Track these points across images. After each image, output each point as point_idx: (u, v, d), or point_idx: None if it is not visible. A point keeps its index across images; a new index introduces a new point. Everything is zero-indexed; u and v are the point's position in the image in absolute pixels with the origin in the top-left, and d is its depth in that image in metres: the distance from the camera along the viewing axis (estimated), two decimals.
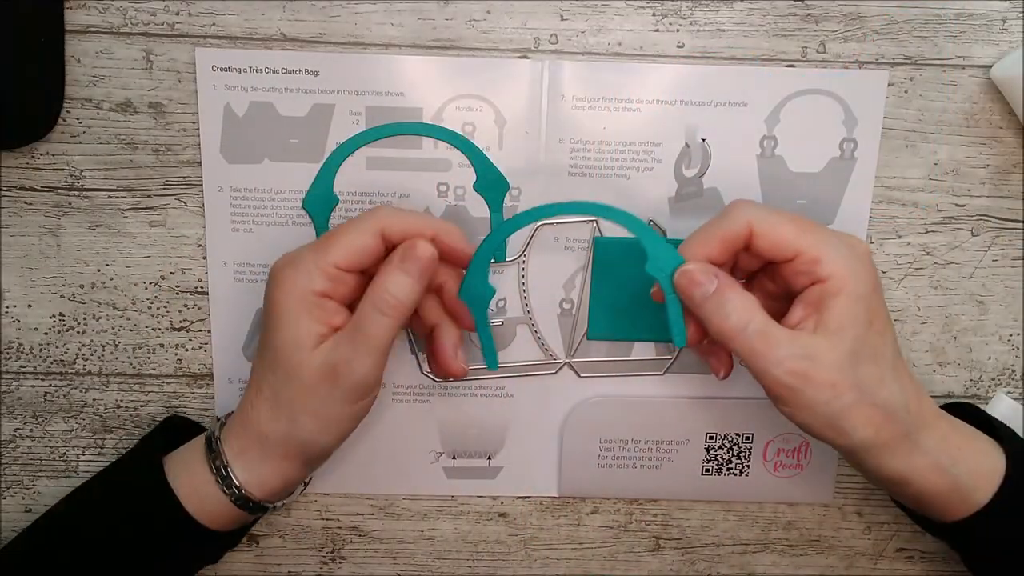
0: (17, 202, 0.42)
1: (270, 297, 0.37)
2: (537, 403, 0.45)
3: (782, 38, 0.42)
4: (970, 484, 0.37)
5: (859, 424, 0.35)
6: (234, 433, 0.38)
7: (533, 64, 0.41)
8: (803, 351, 0.34)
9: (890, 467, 0.36)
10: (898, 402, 0.35)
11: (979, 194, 0.44)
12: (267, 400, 0.37)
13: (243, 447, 0.38)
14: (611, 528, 0.47)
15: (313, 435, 0.37)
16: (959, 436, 0.38)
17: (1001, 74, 0.41)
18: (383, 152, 0.42)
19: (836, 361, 0.34)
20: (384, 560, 0.47)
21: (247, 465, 0.38)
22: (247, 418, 0.38)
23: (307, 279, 0.36)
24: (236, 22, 0.40)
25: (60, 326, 0.43)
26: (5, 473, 0.45)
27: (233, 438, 0.38)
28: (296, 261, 0.36)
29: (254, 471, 0.38)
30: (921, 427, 0.36)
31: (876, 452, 0.36)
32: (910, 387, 0.36)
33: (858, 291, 0.34)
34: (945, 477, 0.36)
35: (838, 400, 0.34)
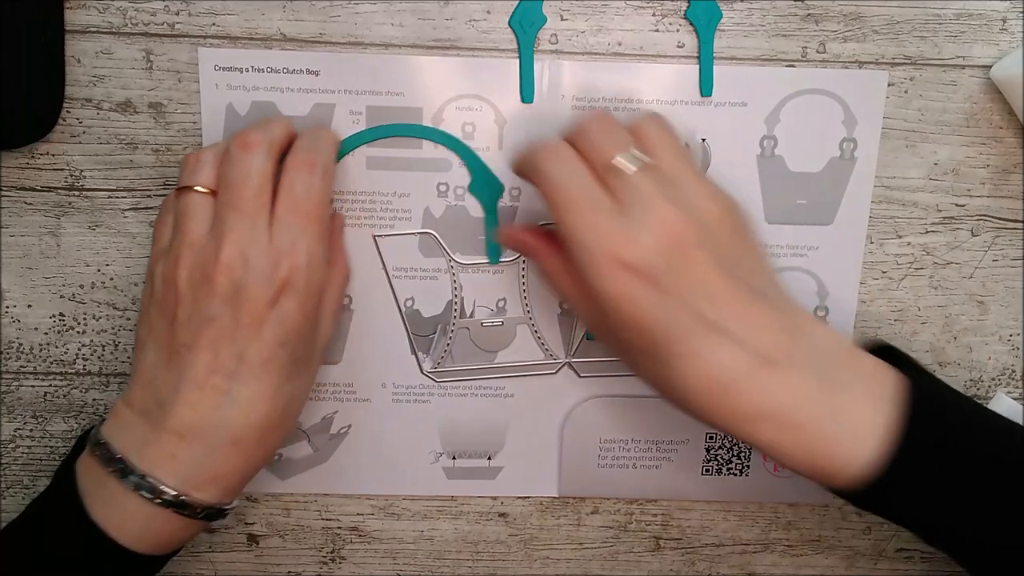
0: (17, 202, 0.42)
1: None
2: (537, 403, 0.45)
3: (782, 38, 0.42)
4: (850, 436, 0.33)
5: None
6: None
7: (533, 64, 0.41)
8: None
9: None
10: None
11: (979, 194, 0.44)
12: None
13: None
14: (611, 528, 0.47)
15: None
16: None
17: (1001, 74, 0.41)
18: (383, 152, 0.42)
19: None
20: (384, 560, 0.47)
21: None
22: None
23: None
24: (236, 22, 0.40)
25: (60, 326, 0.43)
26: (5, 473, 0.45)
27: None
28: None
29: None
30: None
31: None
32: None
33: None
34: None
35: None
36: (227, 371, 0.35)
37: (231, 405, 0.35)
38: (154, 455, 0.35)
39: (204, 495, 0.35)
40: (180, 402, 0.35)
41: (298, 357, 0.36)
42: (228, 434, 0.35)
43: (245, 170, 0.35)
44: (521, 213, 0.43)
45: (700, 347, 0.33)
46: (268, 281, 0.34)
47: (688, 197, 0.34)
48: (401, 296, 0.43)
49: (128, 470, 0.34)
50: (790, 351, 0.33)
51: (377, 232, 0.43)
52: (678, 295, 0.33)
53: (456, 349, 0.44)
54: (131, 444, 0.35)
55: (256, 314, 0.34)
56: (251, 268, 0.34)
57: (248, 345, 0.35)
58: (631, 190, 0.34)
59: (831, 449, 0.33)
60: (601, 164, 0.34)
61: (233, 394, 0.35)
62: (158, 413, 0.35)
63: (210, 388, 0.35)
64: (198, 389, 0.35)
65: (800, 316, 0.35)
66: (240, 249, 0.34)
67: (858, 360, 0.35)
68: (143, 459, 0.35)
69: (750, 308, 0.33)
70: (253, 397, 0.35)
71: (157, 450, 0.35)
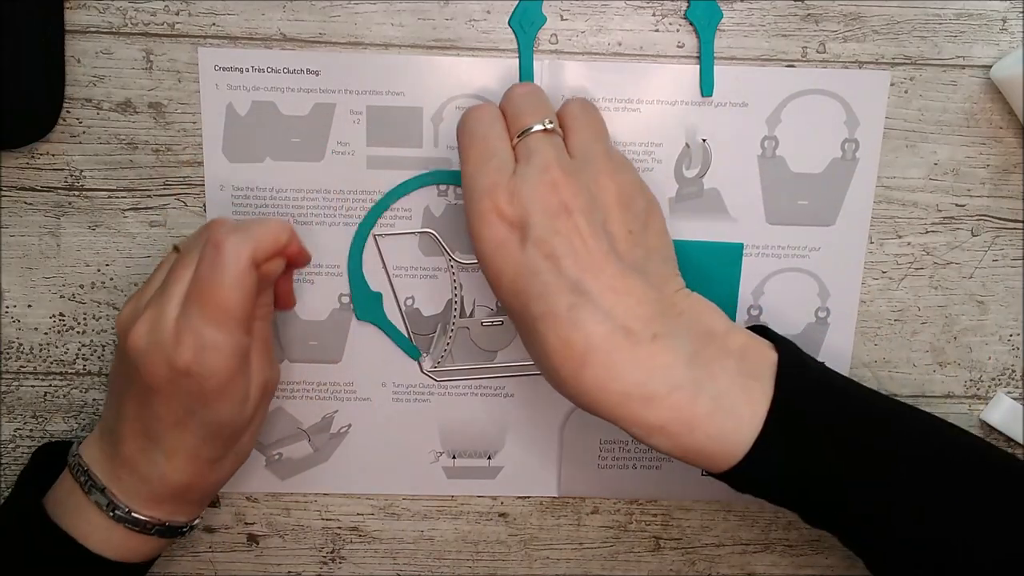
0: (17, 202, 0.42)
1: None
2: (537, 403, 0.45)
3: (782, 38, 0.42)
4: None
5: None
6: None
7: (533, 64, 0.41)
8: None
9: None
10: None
11: (979, 194, 0.44)
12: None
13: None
14: (611, 528, 0.47)
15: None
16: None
17: (1001, 74, 0.41)
18: (383, 151, 0.42)
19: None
20: (384, 560, 0.47)
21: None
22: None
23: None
24: (236, 22, 0.40)
25: (60, 326, 0.43)
26: (5, 473, 0.45)
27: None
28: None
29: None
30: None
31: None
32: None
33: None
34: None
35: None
36: (145, 422, 0.36)
37: (154, 451, 0.36)
38: (111, 474, 0.37)
39: (151, 512, 0.37)
40: (121, 438, 0.37)
41: (220, 427, 0.36)
42: (156, 472, 0.37)
43: (200, 256, 0.34)
44: None
45: (559, 308, 0.32)
46: (168, 357, 0.34)
47: (587, 168, 0.35)
48: (401, 295, 0.43)
49: (91, 482, 0.37)
50: (656, 326, 0.33)
51: (377, 231, 0.43)
52: (546, 251, 0.33)
53: (456, 349, 0.44)
54: (98, 461, 0.38)
55: (159, 383, 0.34)
56: (157, 338, 0.34)
57: (158, 407, 0.35)
58: (530, 150, 0.34)
59: (703, 427, 0.32)
60: (516, 128, 0.35)
61: (155, 442, 0.36)
62: (110, 441, 0.38)
63: (136, 433, 0.36)
64: (129, 432, 0.37)
65: (678, 295, 0.35)
66: (154, 316, 0.35)
67: (732, 338, 0.34)
68: (105, 474, 0.37)
69: (620, 280, 0.33)
70: (171, 448, 0.36)
71: (113, 470, 0.37)
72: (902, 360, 0.45)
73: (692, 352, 0.33)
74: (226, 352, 0.34)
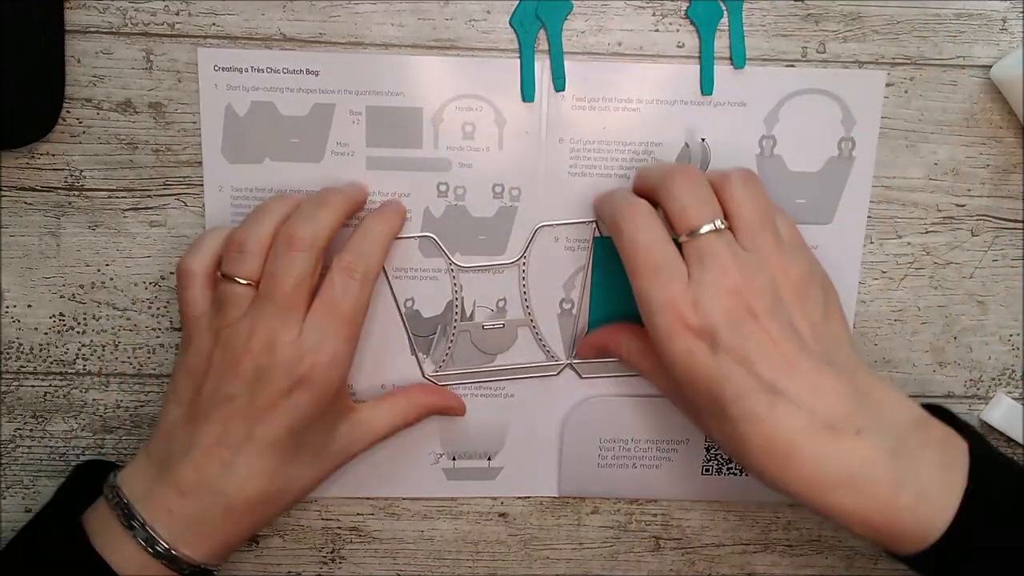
0: (17, 202, 0.42)
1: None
2: (537, 403, 0.45)
3: (782, 38, 0.42)
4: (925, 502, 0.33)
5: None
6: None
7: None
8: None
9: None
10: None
11: (979, 194, 0.44)
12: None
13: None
14: (611, 528, 0.47)
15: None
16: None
17: (1001, 74, 0.41)
18: (383, 152, 0.42)
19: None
20: (384, 560, 0.47)
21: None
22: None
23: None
24: (236, 22, 0.40)
25: (60, 326, 0.43)
26: (5, 473, 0.45)
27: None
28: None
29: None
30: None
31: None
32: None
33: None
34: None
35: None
36: (234, 445, 0.37)
37: (230, 476, 0.37)
38: (156, 506, 0.37)
39: (192, 552, 0.37)
40: (187, 462, 0.37)
41: (307, 444, 0.39)
42: (222, 501, 0.37)
43: (285, 268, 0.37)
44: (520, 214, 0.43)
45: (758, 408, 0.33)
46: (288, 373, 0.36)
47: (763, 265, 0.35)
48: (401, 297, 0.43)
49: (132, 516, 0.37)
50: (855, 417, 0.33)
51: None
52: (739, 357, 0.33)
53: (457, 352, 0.44)
54: (139, 492, 0.37)
55: (271, 399, 0.37)
56: (275, 357, 0.36)
57: (258, 425, 0.37)
58: (702, 253, 0.34)
59: (905, 516, 0.33)
60: (683, 227, 0.35)
61: (235, 467, 0.37)
62: (167, 467, 0.37)
63: (217, 457, 0.37)
64: (205, 455, 0.37)
65: (870, 383, 0.35)
66: (268, 338, 0.36)
67: (928, 427, 0.35)
68: (146, 508, 0.37)
69: (813, 374, 0.34)
70: (252, 472, 0.37)
71: (159, 502, 0.37)
72: (902, 360, 0.45)
73: (895, 447, 0.34)
74: (345, 364, 0.38)
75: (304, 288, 0.37)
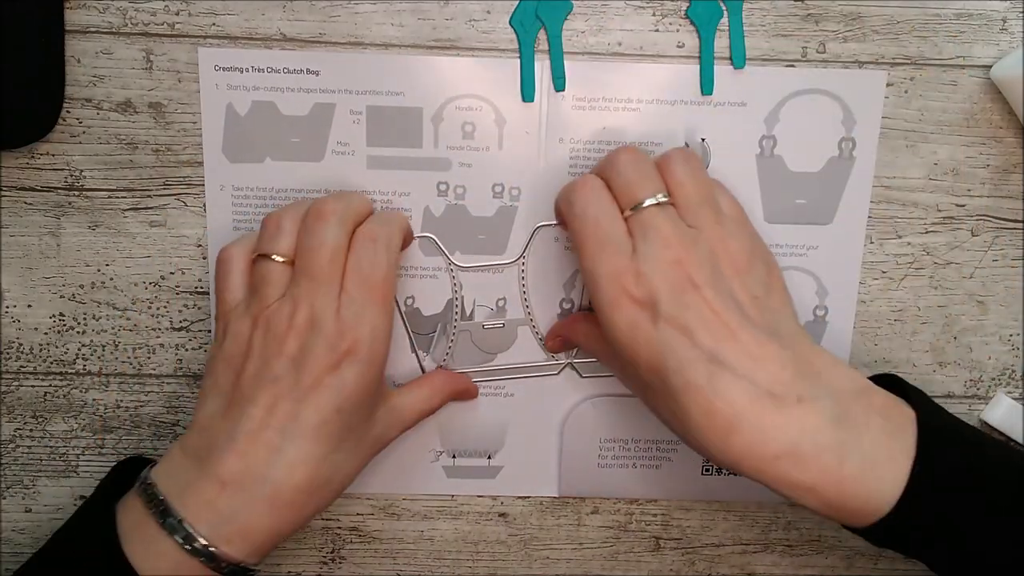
0: (17, 202, 0.42)
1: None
2: (537, 403, 0.45)
3: (782, 38, 0.42)
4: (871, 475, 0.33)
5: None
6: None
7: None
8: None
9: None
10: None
11: (979, 194, 0.44)
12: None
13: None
14: (611, 528, 0.47)
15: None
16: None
17: (1001, 74, 0.41)
18: (383, 152, 0.42)
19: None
20: (384, 560, 0.47)
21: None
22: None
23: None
24: (236, 22, 0.40)
25: (60, 326, 0.43)
26: (5, 473, 0.45)
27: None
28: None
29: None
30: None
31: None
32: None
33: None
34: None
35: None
36: (281, 428, 0.35)
37: (278, 461, 0.35)
38: (194, 501, 0.35)
39: (232, 550, 0.35)
40: (231, 450, 0.35)
41: (352, 428, 0.37)
42: (268, 489, 0.35)
43: (319, 240, 0.36)
44: (520, 213, 0.43)
45: (699, 378, 0.33)
46: (332, 348, 0.36)
47: (703, 238, 0.35)
48: (401, 295, 0.43)
49: (168, 513, 0.35)
50: (799, 387, 0.33)
51: None
52: (679, 326, 0.33)
53: (457, 351, 0.44)
54: (175, 488, 0.36)
55: (317, 377, 0.35)
56: (318, 333, 0.36)
57: (305, 406, 0.35)
58: (645, 227, 0.35)
59: (850, 486, 0.33)
60: (627, 202, 0.36)
61: (283, 451, 0.35)
62: (207, 458, 0.36)
63: (263, 442, 0.35)
64: (251, 441, 0.35)
65: (811, 354, 0.35)
66: (310, 314, 0.36)
67: (872, 396, 0.35)
68: (184, 505, 0.35)
69: (754, 343, 0.33)
70: (301, 457, 0.35)
71: (197, 496, 0.35)
72: (902, 360, 0.45)
73: (838, 413, 0.33)
74: (386, 338, 0.37)
75: (339, 261, 0.36)
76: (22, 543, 0.46)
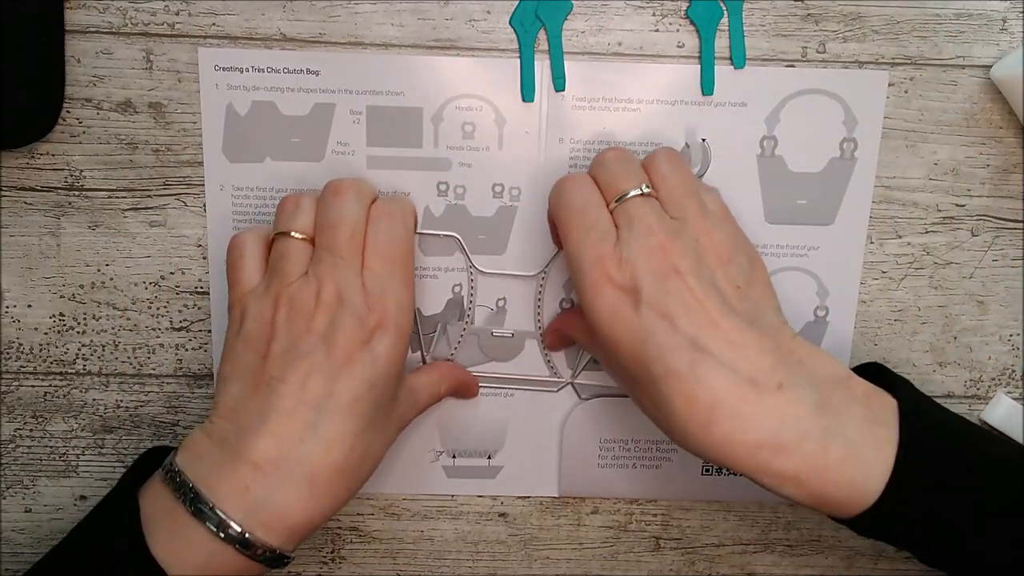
0: (17, 202, 0.42)
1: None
2: (537, 403, 0.45)
3: (782, 38, 0.42)
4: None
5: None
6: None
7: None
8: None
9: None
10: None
11: (979, 194, 0.44)
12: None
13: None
14: (611, 528, 0.47)
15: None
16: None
17: (1001, 74, 0.41)
18: (383, 151, 0.42)
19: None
20: (384, 560, 0.47)
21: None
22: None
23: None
24: (236, 22, 0.40)
25: (60, 326, 0.43)
26: (5, 473, 0.45)
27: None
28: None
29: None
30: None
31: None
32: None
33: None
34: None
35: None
36: (315, 404, 0.34)
37: (313, 439, 0.34)
38: (226, 487, 0.34)
39: (267, 535, 0.34)
40: (264, 431, 0.34)
41: (380, 406, 0.36)
42: (305, 469, 0.34)
43: (339, 214, 0.37)
44: (520, 213, 0.43)
45: (679, 365, 0.33)
46: (362, 322, 0.36)
47: (686, 228, 0.35)
48: None
49: (198, 500, 0.34)
50: (779, 375, 0.33)
51: None
52: (661, 312, 0.33)
53: (462, 354, 0.44)
54: (204, 474, 0.34)
55: (349, 352, 0.35)
56: (347, 307, 0.35)
57: (338, 381, 0.35)
58: (630, 216, 0.35)
59: (834, 474, 0.33)
60: (612, 194, 0.36)
61: (318, 428, 0.34)
62: (237, 442, 0.34)
63: (297, 418, 0.34)
64: (285, 419, 0.34)
65: (792, 343, 0.35)
66: (338, 288, 0.36)
67: (853, 385, 0.35)
68: (215, 490, 0.34)
69: (735, 331, 0.33)
70: (336, 435, 0.35)
71: (230, 481, 0.34)
72: (902, 360, 0.45)
73: (819, 400, 0.33)
74: (411, 310, 0.37)
75: (359, 236, 0.37)
76: (22, 543, 0.46)
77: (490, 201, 0.43)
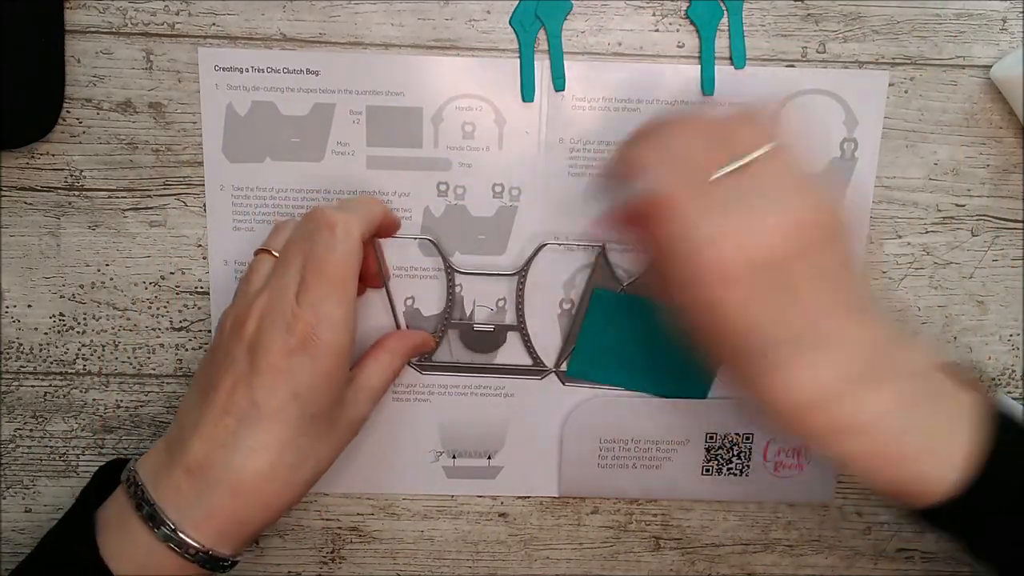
0: (17, 202, 0.42)
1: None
2: (537, 403, 0.45)
3: (782, 38, 0.42)
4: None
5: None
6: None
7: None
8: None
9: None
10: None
11: (979, 194, 0.44)
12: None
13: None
14: (611, 528, 0.47)
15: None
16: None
17: (1001, 74, 0.41)
18: (383, 151, 0.42)
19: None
20: (384, 560, 0.47)
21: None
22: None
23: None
24: (236, 22, 0.40)
25: (60, 326, 0.43)
26: (5, 473, 0.45)
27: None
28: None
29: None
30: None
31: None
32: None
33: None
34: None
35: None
36: (239, 413, 0.35)
37: (236, 447, 0.35)
38: (165, 488, 0.35)
39: (199, 535, 0.35)
40: (195, 436, 0.36)
41: (317, 414, 0.36)
42: (229, 475, 0.35)
43: (294, 229, 0.37)
44: (520, 213, 0.43)
45: (794, 358, 0.33)
46: (286, 333, 0.35)
47: (788, 206, 0.34)
48: (401, 295, 0.43)
49: (143, 499, 0.35)
50: (882, 367, 0.33)
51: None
52: (775, 305, 0.33)
53: (448, 348, 0.44)
54: (153, 476, 0.36)
55: (272, 361, 0.35)
56: (274, 317, 0.36)
57: (259, 391, 0.35)
58: (731, 200, 0.34)
59: (917, 466, 0.33)
60: (705, 172, 0.34)
61: (240, 436, 0.35)
62: (178, 447, 0.36)
63: (222, 427, 0.35)
64: (211, 426, 0.35)
65: (893, 330, 0.35)
66: (271, 300, 0.36)
67: (943, 379, 0.35)
68: (157, 490, 0.35)
69: (848, 322, 0.33)
70: (259, 443, 0.35)
71: (168, 483, 0.35)
72: None
73: (911, 391, 0.34)
74: (343, 326, 0.36)
75: (299, 249, 0.37)
76: (22, 543, 0.46)
77: (490, 201, 0.43)
